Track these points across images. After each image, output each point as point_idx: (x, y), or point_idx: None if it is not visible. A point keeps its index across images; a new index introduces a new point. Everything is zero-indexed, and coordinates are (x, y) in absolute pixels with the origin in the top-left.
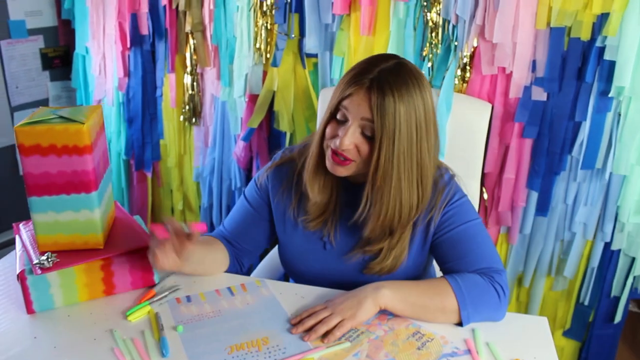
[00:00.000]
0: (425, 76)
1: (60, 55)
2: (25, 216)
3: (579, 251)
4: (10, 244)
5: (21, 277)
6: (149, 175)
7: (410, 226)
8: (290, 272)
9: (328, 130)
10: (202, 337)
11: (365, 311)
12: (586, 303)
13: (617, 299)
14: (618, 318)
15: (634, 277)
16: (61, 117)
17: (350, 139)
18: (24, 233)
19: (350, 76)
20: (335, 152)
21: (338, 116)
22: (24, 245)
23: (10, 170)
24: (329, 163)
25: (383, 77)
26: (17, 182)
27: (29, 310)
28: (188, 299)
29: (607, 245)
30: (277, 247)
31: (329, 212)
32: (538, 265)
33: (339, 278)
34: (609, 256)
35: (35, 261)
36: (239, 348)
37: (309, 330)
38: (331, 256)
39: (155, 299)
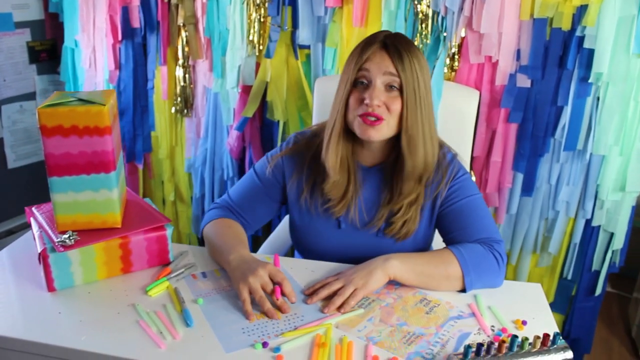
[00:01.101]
0: None
1: (47, 48)
2: (15, 209)
3: (562, 228)
4: (3, 236)
5: (43, 256)
6: (140, 167)
7: (423, 187)
8: (302, 251)
9: (352, 100)
10: (222, 309)
11: (375, 280)
12: (569, 277)
13: (597, 273)
14: (598, 291)
15: (613, 252)
16: (80, 99)
17: (378, 95)
18: (38, 216)
19: (361, 47)
20: (365, 115)
21: (360, 80)
22: (41, 227)
23: None
24: (360, 129)
25: (392, 37)
26: (7, 175)
27: (50, 288)
28: (204, 275)
29: (588, 222)
30: (280, 225)
31: (350, 193)
32: (524, 243)
33: (353, 252)
34: (590, 232)
35: (58, 239)
36: (259, 317)
37: (325, 300)
38: (346, 233)
39: (172, 275)
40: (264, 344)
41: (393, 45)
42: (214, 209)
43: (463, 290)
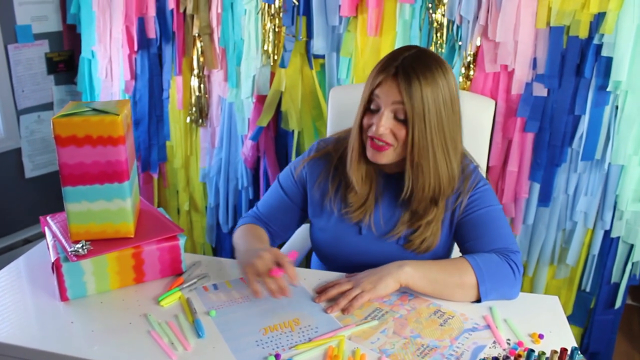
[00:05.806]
0: (446, 61)
1: (64, 59)
2: (31, 218)
3: (580, 239)
4: (16, 246)
5: (56, 265)
6: (155, 176)
7: (444, 202)
8: (322, 255)
9: (365, 122)
10: (235, 321)
11: (384, 286)
12: (587, 290)
13: (617, 285)
14: (618, 304)
15: (633, 264)
16: (94, 109)
17: (385, 123)
18: (52, 225)
19: (378, 68)
20: (373, 139)
21: (372, 106)
22: (54, 236)
23: (16, 173)
24: (369, 152)
25: (407, 63)
26: (24, 184)
27: (63, 297)
28: (215, 287)
29: (607, 233)
30: (297, 231)
31: (369, 201)
32: (541, 254)
33: (373, 259)
34: (609, 244)
35: (71, 249)
36: (272, 329)
37: (331, 301)
38: (367, 240)
39: (185, 285)
40: (277, 356)
41: (405, 72)
42: (243, 219)
43: (478, 301)
